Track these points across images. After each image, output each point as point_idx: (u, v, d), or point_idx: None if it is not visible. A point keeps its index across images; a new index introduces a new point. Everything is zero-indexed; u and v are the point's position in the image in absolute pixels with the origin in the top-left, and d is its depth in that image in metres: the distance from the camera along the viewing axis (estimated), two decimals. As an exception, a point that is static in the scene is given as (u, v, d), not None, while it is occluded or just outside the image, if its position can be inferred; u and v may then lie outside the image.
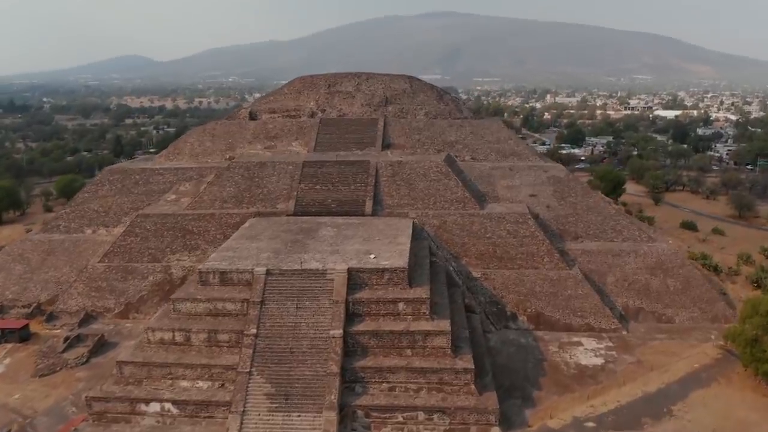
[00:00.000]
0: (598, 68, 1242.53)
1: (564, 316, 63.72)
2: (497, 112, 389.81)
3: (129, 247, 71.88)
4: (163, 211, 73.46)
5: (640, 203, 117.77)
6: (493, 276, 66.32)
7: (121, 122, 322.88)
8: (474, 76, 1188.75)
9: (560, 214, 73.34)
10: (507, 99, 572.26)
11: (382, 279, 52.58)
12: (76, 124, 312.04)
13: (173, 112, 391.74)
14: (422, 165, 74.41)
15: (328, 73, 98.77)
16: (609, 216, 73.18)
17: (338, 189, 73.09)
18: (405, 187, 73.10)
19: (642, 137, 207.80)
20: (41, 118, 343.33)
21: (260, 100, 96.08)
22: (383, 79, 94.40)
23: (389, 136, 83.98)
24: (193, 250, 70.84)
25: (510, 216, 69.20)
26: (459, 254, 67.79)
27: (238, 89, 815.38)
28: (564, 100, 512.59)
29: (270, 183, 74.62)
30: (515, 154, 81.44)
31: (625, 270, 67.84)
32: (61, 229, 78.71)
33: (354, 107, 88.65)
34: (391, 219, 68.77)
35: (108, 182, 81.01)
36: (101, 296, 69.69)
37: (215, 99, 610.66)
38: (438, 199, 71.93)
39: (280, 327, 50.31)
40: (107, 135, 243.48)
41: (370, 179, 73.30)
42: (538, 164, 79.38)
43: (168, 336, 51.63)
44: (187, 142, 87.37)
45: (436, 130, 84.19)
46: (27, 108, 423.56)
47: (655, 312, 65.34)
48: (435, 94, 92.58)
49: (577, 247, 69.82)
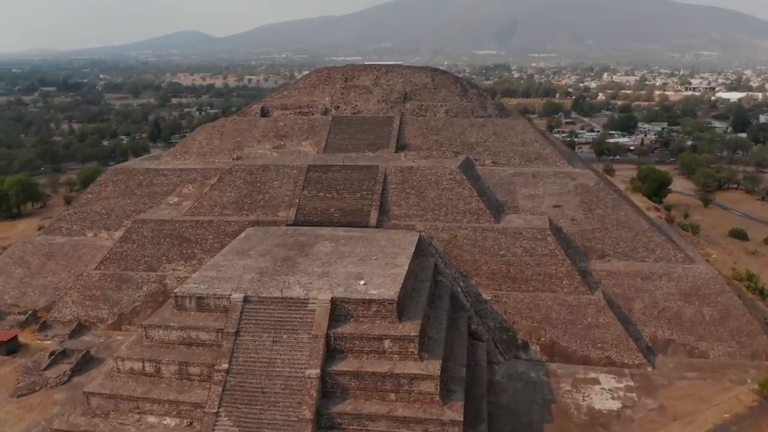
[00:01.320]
0: (661, 44, 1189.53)
1: (582, 347, 57.41)
2: (548, 93, 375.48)
3: (125, 254, 68.94)
4: (160, 216, 70.10)
5: (688, 204, 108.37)
6: (504, 299, 60.38)
7: (167, 102, 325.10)
8: (530, 53, 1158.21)
9: (586, 228, 66.38)
10: (561, 77, 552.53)
11: (368, 311, 47.50)
12: (123, 104, 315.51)
13: (220, 92, 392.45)
14: (434, 171, 68.50)
15: (347, 64, 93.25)
16: (641, 232, 65.79)
17: (343, 197, 68.05)
18: (415, 195, 67.46)
19: (697, 125, 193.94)
20: (91, 97, 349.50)
21: (274, 95, 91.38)
22: (404, 73, 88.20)
23: (405, 136, 78.13)
24: (189, 259, 67.34)
25: (527, 231, 62.81)
26: (469, 273, 62.01)
27: (289, 66, 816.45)
28: (622, 79, 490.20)
29: (272, 188, 70.15)
30: (541, 158, 74.40)
31: (656, 295, 60.70)
32: (63, 232, 76.52)
33: (370, 104, 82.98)
34: (396, 232, 63.38)
35: (112, 183, 78.21)
36: (95, 306, 67.14)
37: (265, 77, 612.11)
38: (450, 209, 66.06)
39: (253, 362, 46.01)
40: (150, 116, 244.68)
41: (378, 186, 67.92)
42: (564, 170, 72.22)
43: (138, 366, 48.08)
44: (195, 140, 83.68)
45: (455, 130, 77.81)
46: (80, 86, 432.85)
47: (687, 345, 58.23)
48: (458, 89, 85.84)
49: (603, 268, 62.93)
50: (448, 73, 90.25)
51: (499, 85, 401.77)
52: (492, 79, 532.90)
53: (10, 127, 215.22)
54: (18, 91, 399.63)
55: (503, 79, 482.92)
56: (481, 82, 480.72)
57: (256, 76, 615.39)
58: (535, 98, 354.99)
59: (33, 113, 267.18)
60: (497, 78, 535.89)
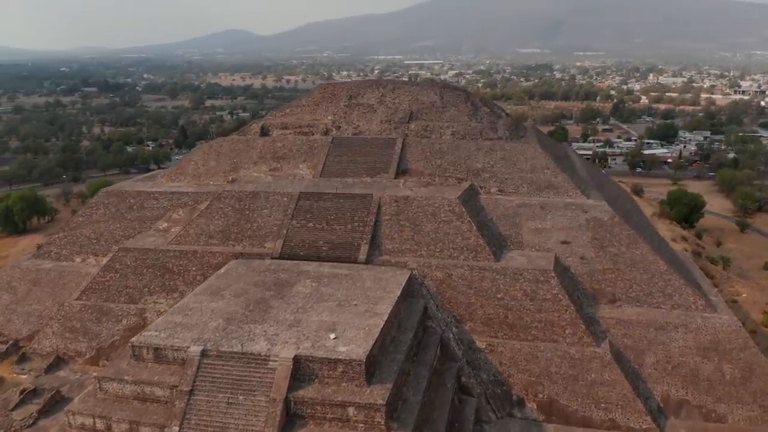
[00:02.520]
0: (711, 42, 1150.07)
1: (583, 406, 51.75)
2: (588, 95, 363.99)
3: (107, 284, 66.01)
4: (144, 245, 66.92)
5: (723, 229, 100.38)
6: (500, 348, 55.08)
7: (201, 104, 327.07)
8: (575, 51, 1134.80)
9: (596, 268, 60.44)
10: (605, 78, 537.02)
11: (334, 372, 42.98)
12: (158, 106, 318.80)
13: (255, 93, 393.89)
14: (432, 202, 63.49)
15: (353, 80, 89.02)
16: (658, 274, 59.49)
17: (333, 228, 63.66)
18: (409, 228, 62.59)
19: (740, 136, 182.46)
20: (129, 98, 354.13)
21: (275, 112, 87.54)
22: (411, 90, 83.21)
23: (407, 160, 73.28)
24: (171, 291, 63.96)
25: (529, 272, 57.28)
26: (463, 317, 56.87)
27: (329, 66, 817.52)
28: (668, 81, 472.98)
29: (261, 217, 66.25)
30: (551, 187, 68.56)
31: (670, 349, 54.50)
32: (52, 256, 74.21)
33: (373, 124, 78.35)
34: (385, 270, 58.65)
35: (103, 206, 75.57)
36: (74, 338, 64.36)
37: (303, 77, 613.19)
38: (446, 245, 60.97)
39: (206, 426, 42.02)
40: (180, 121, 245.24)
41: (370, 218, 63.31)
42: (576, 201, 66.25)
43: (89, 422, 44.68)
44: (191, 160, 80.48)
45: (461, 154, 72.57)
46: (120, 87, 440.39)
47: (703, 407, 51.95)
48: (468, 107, 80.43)
49: (612, 315, 56.97)
50: (459, 90, 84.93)
51: (538, 87, 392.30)
52: (532, 79, 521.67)
53: (42, 131, 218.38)
54: (60, 91, 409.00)
55: (543, 81, 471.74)
56: (520, 83, 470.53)
57: (294, 77, 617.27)
58: (575, 101, 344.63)
59: (67, 116, 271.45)
60: (537, 78, 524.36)
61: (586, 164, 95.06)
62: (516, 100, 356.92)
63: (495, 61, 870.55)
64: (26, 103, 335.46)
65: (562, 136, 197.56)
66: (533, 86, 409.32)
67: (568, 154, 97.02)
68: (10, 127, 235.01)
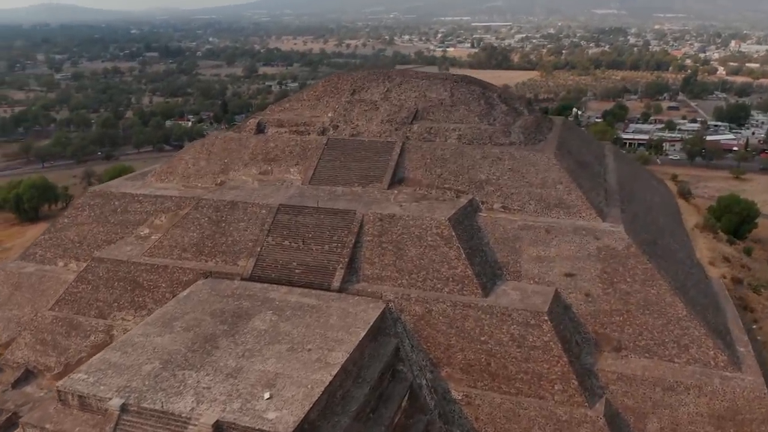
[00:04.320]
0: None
1: (567, 479, 44.79)
2: (660, 66, 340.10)
3: (79, 295, 62.76)
4: (117, 256, 63.09)
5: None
6: (479, 400, 48.51)
7: (254, 72, 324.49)
8: (654, 12, 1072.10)
9: (603, 308, 52.45)
10: (682, 44, 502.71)
11: (259, 442, 37.62)
12: (213, 73, 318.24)
13: (310, 60, 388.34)
14: (419, 223, 56.55)
15: (358, 72, 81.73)
16: (675, 320, 50.97)
17: (309, 248, 57.83)
18: (392, 252, 56.03)
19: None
20: (186, 66, 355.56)
21: (274, 107, 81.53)
22: (419, 85, 75.34)
23: (404, 167, 66.23)
24: (139, 309, 60.08)
25: (519, 313, 50.00)
26: (440, 361, 50.43)
27: (392, 28, 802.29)
28: (750, 49, 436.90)
29: (237, 231, 61.11)
30: (562, 206, 60.15)
31: (678, 415, 46.52)
32: (37, 258, 71.70)
33: (373, 124, 71.30)
34: (357, 302, 52.54)
35: (89, 207, 72.24)
36: (45, 351, 61.65)
37: (364, 42, 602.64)
38: (430, 274, 54.20)
39: (115, 495, 37.74)
40: (228, 92, 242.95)
41: (350, 238, 57.08)
42: (588, 225, 57.72)
43: (5, 473, 41.29)
44: (183, 159, 75.90)
45: (465, 162, 64.86)
46: (181, 52, 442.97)
47: (713, 490, 44.05)
48: (481, 106, 72.04)
49: (614, 368, 49.19)
50: (474, 85, 76.27)
51: (606, 56, 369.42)
52: (603, 45, 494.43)
53: (91, 101, 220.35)
54: (123, 56, 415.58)
55: (613, 48, 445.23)
56: (588, 49, 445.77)
57: (355, 41, 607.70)
58: (644, 72, 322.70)
59: (120, 85, 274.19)
60: (609, 45, 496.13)
61: (623, 166, 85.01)
62: (580, 69, 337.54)
63: (567, 24, 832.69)
64: (87, 69, 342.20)
65: (620, 116, 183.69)
66: (600, 54, 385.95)
67: (605, 154, 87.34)
68: (64, 95, 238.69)
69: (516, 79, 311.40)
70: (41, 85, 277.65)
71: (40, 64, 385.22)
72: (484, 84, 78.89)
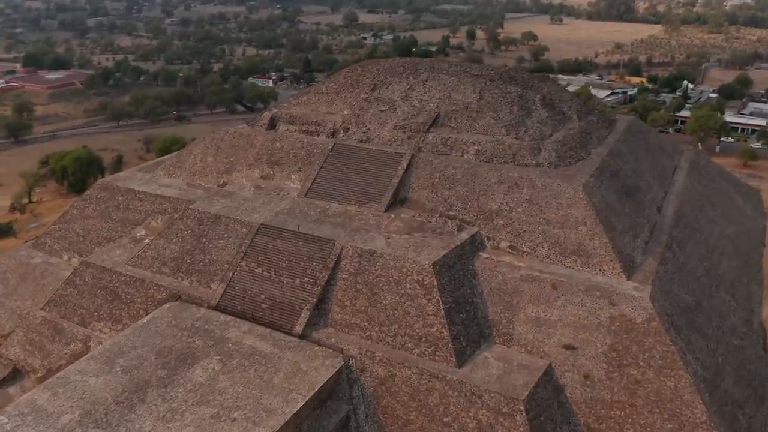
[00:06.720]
0: None
1: None
2: None
3: (67, 299, 61.27)
4: (103, 262, 60.67)
5: None
6: (431, 493, 41.68)
7: (354, 21, 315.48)
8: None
9: (602, 397, 43.25)
10: None
11: None
12: (314, 21, 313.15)
13: (416, 7, 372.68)
14: (399, 266, 49.05)
15: (387, 61, 72.92)
16: (690, 425, 40.95)
17: (281, 280, 52.17)
18: (365, 296, 49.20)
19: None
20: (289, 13, 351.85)
21: (291, 100, 74.74)
22: (446, 84, 65.68)
23: (409, 185, 58.20)
24: (116, 322, 57.60)
25: (491, 396, 42.11)
26: (395, 437, 43.79)
27: None
28: None
29: (216, 249, 56.51)
30: (581, 253, 49.96)
31: None
32: (46, 248, 71.16)
33: (385, 129, 63.14)
34: (314, 356, 46.57)
35: (95, 200, 70.34)
36: (32, 352, 61.12)
37: None
38: (401, 329, 47.05)
39: None
40: (320, 45, 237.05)
41: (324, 274, 50.73)
42: (605, 284, 47.46)
43: None
44: (192, 153, 71.74)
45: (477, 186, 55.74)
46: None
47: None
48: (514, 113, 61.55)
49: (599, 475, 40.43)
50: (512, 85, 65.36)
51: (743, 11, 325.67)
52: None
53: (186, 52, 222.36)
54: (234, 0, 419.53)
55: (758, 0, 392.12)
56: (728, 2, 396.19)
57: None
58: None
59: (220, 33, 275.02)
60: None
61: (696, 183, 71.16)
62: (712, 25, 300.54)
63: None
64: (196, 14, 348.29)
65: (738, 93, 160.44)
66: (740, 8, 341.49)
67: (678, 166, 73.75)
68: (164, 45, 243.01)
69: (634, 36, 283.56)
70: (148, 31, 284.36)
71: (156, 7, 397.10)
72: (528, 83, 67.78)
